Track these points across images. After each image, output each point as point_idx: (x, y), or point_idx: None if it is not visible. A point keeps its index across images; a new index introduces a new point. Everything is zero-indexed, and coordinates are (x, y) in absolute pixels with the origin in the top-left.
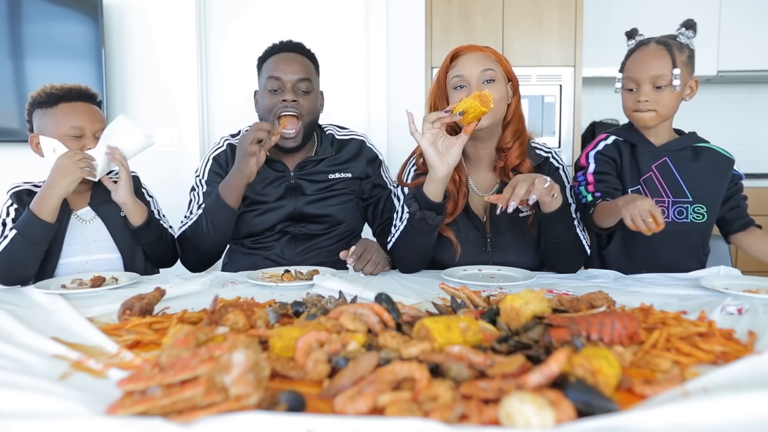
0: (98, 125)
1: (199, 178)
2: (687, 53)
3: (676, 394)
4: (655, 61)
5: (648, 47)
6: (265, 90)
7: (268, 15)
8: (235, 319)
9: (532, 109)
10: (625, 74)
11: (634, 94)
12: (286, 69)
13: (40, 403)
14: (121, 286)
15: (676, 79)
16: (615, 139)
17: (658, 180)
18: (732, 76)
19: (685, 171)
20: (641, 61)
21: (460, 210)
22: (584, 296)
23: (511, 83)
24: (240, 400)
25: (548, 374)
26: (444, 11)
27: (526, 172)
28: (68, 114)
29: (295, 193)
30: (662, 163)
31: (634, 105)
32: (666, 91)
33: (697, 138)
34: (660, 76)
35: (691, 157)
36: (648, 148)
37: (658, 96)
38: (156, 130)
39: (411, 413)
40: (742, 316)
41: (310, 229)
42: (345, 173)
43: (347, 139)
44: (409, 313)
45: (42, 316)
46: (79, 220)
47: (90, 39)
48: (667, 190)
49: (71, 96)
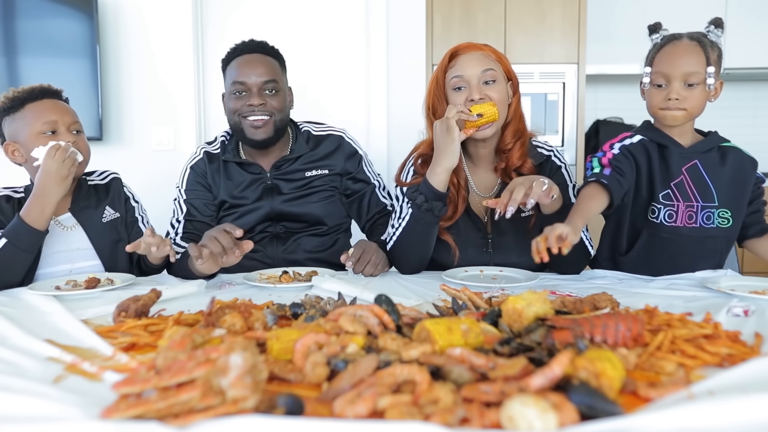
0: (69, 118)
1: (179, 188)
2: (717, 52)
3: (682, 397)
4: (688, 57)
5: (681, 42)
6: (230, 94)
7: (265, 11)
8: (232, 321)
9: (535, 107)
10: (654, 69)
11: (663, 90)
12: (250, 72)
13: (34, 407)
14: (116, 287)
15: (710, 77)
16: (641, 138)
17: (688, 184)
18: (738, 74)
19: (714, 174)
20: (674, 56)
21: (459, 214)
22: (588, 298)
23: (511, 82)
24: (237, 404)
25: (551, 377)
26: (445, 7)
27: (527, 172)
28: (37, 112)
29: (271, 193)
30: (692, 165)
31: (662, 102)
32: (698, 89)
33: (721, 138)
34: (693, 74)
35: (718, 159)
36: (678, 149)
37: (689, 94)
38: (152, 129)
39: (411, 417)
40: (748, 317)
41: (290, 228)
42: (322, 170)
43: (324, 134)
44: (409, 314)
45: (36, 318)
46: (60, 227)
47: (85, 36)
48: (697, 195)
49: (35, 95)
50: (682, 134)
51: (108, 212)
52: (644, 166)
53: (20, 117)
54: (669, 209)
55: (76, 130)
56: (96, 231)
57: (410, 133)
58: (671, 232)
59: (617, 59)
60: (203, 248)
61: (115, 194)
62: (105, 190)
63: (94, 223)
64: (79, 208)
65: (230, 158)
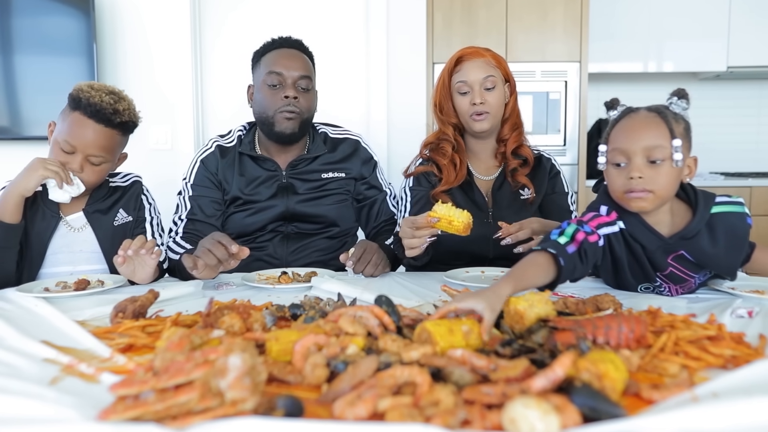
0: (92, 148)
1: (186, 181)
2: (683, 124)
3: (685, 399)
4: (648, 130)
5: (638, 114)
6: (264, 85)
7: (263, 8)
8: (230, 322)
9: (537, 106)
10: (610, 146)
11: (623, 170)
12: (288, 65)
13: (30, 408)
14: (106, 289)
15: (677, 152)
16: (621, 229)
17: (679, 270)
18: (743, 72)
19: (707, 256)
20: (631, 129)
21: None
22: (590, 299)
23: (509, 83)
24: (236, 405)
25: (553, 378)
26: (446, 5)
27: (525, 155)
28: (73, 126)
29: (287, 192)
30: (678, 255)
31: (625, 184)
32: (663, 167)
33: (705, 206)
34: (655, 147)
35: (708, 236)
36: (659, 243)
37: (654, 173)
38: (150, 128)
39: (412, 419)
40: (752, 319)
41: (302, 228)
42: (339, 173)
43: (342, 138)
44: (410, 316)
45: (32, 319)
46: (68, 228)
47: (81, 34)
48: (691, 273)
49: (87, 112)
50: (660, 221)
51: (121, 215)
52: (624, 257)
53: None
54: (662, 290)
55: (96, 162)
56: (106, 234)
57: (410, 133)
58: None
59: (620, 57)
60: (197, 259)
61: (131, 197)
62: (123, 192)
63: (105, 226)
64: (92, 209)
65: (246, 151)
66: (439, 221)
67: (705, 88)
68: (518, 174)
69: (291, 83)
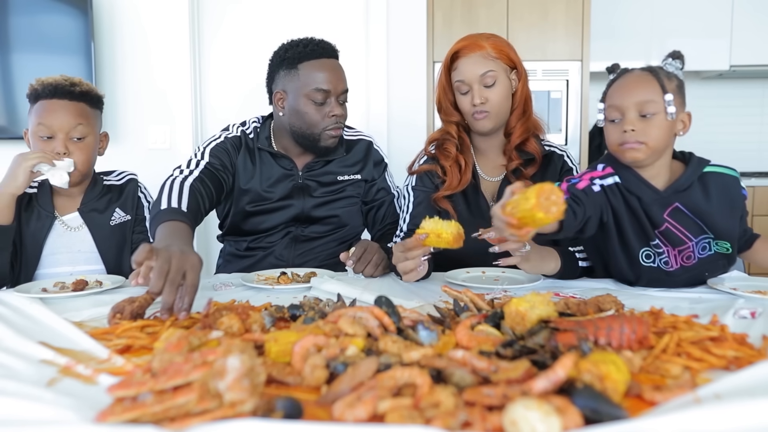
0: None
1: (203, 146)
2: (676, 82)
3: (687, 400)
4: (640, 86)
5: (632, 73)
6: (308, 100)
7: (263, 7)
8: (229, 323)
9: (538, 105)
10: (607, 103)
11: (618, 125)
12: (336, 80)
13: (28, 410)
14: (104, 289)
15: (670, 105)
16: (617, 183)
17: (675, 228)
18: (745, 71)
19: (701, 210)
20: (625, 87)
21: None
22: (592, 299)
23: (516, 70)
24: (235, 407)
25: (554, 380)
26: (446, 3)
27: (531, 151)
28: (41, 113)
29: (302, 194)
30: (674, 209)
31: (619, 138)
32: (655, 120)
33: (699, 163)
34: (647, 102)
35: (701, 192)
36: (654, 196)
37: (646, 125)
38: (148, 127)
39: (412, 420)
40: (755, 319)
41: (312, 231)
42: (354, 175)
43: (355, 139)
44: (410, 316)
45: (29, 320)
46: (65, 227)
47: (79, 33)
48: (688, 234)
49: (46, 93)
50: (656, 175)
51: (118, 214)
52: (623, 211)
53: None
54: (663, 257)
55: (77, 136)
56: (102, 233)
57: (409, 132)
58: (672, 274)
59: (622, 56)
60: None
61: (128, 196)
62: (119, 191)
63: (101, 225)
64: (87, 209)
65: (265, 147)
66: (428, 237)
67: (708, 87)
68: (522, 175)
69: (335, 99)
